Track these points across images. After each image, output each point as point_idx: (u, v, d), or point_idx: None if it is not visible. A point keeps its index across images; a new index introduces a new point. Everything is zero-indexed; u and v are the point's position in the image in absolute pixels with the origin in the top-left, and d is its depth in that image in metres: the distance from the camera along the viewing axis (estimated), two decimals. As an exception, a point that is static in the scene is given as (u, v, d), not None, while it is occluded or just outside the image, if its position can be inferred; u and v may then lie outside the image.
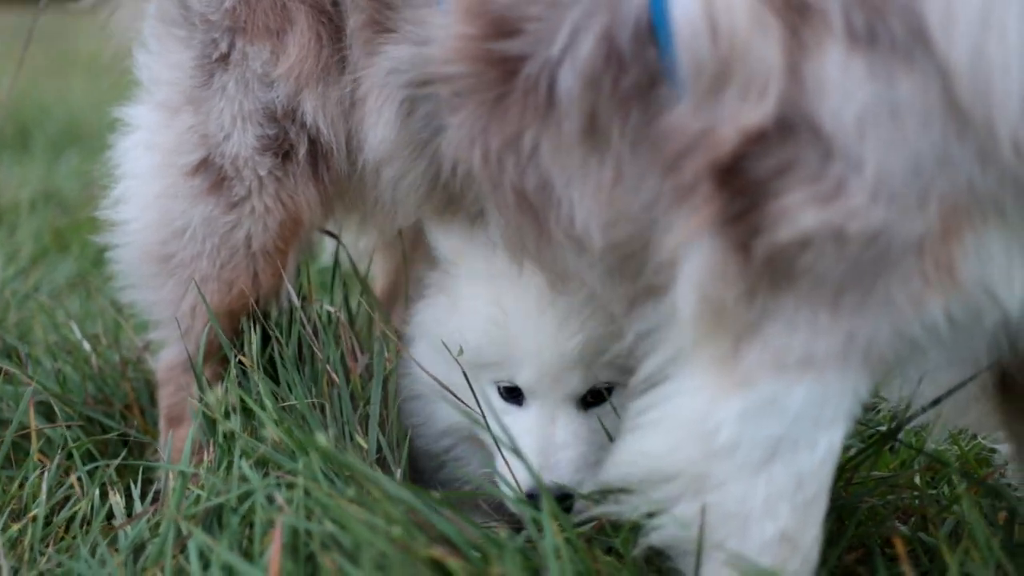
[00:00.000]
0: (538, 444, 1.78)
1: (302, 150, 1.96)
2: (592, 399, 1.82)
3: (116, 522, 1.81)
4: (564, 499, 1.71)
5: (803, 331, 1.34)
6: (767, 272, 1.33)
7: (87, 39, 10.04)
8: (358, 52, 1.83)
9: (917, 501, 1.81)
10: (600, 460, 1.65)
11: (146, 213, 2.05)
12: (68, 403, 2.22)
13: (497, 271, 1.81)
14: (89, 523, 1.83)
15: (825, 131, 1.25)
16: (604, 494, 1.52)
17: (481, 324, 1.82)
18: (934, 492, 1.85)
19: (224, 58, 1.97)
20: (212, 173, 1.98)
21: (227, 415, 1.84)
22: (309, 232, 2.06)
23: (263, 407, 1.77)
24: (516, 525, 1.70)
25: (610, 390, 1.82)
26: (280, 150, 1.96)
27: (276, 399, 1.83)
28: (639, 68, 1.39)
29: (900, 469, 1.90)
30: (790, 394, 1.36)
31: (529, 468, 1.65)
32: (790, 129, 1.27)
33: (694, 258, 1.36)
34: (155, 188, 2.04)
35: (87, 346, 2.45)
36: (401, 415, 1.93)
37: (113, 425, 2.21)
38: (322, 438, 1.53)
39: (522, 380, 1.81)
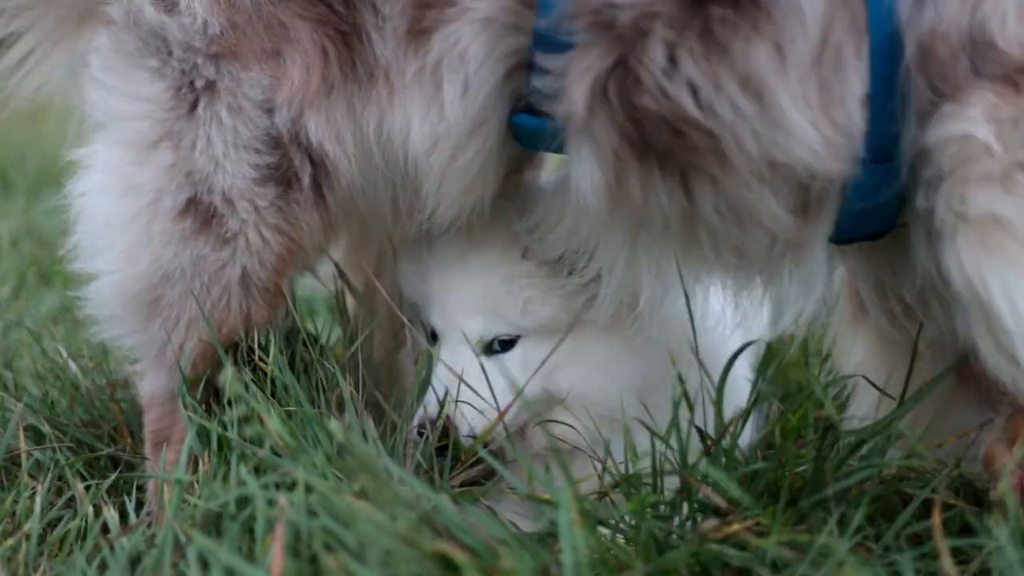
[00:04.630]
0: (440, 384, 1.89)
1: (306, 175, 1.85)
2: (498, 347, 1.92)
3: (112, 536, 1.77)
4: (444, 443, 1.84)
5: None
6: None
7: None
8: (393, 45, 1.75)
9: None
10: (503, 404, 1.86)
11: (134, 265, 1.90)
12: (57, 425, 2.18)
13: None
14: (84, 538, 1.79)
15: None
16: None
17: (414, 267, 1.99)
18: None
19: (211, 86, 1.84)
20: (201, 211, 1.85)
21: (224, 426, 1.81)
22: (308, 255, 1.96)
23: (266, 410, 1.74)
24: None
25: (514, 341, 1.91)
26: (283, 179, 1.85)
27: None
28: None
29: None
30: None
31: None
32: None
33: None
34: (141, 236, 1.88)
35: (74, 367, 2.40)
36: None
37: (102, 446, 2.17)
38: (335, 424, 1.49)
39: (433, 320, 1.96)
